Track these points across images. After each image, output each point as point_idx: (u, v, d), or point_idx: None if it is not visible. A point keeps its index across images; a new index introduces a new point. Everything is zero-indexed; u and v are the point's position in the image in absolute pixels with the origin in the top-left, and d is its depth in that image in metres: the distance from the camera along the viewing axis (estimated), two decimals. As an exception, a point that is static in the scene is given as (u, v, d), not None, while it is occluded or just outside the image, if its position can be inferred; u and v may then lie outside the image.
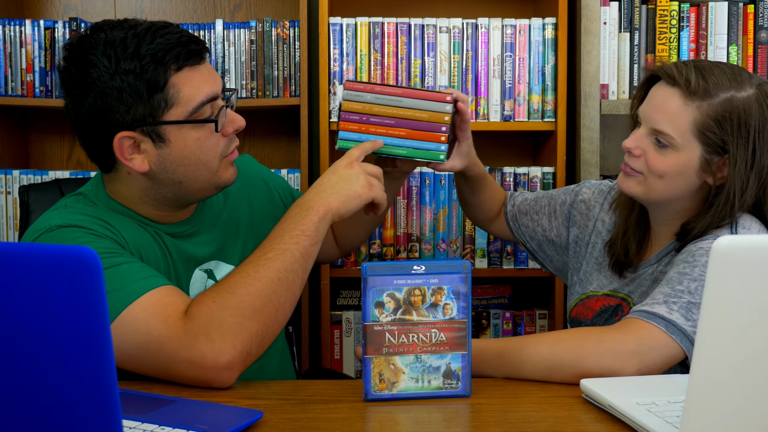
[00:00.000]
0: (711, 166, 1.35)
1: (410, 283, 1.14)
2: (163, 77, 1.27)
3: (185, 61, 1.28)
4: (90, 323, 0.74)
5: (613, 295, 1.49)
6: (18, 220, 2.26)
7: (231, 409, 1.09)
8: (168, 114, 1.28)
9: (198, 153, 1.31)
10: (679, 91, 1.34)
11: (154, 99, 1.27)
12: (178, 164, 1.31)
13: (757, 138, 1.33)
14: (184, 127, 1.30)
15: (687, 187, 1.38)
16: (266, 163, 2.48)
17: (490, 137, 2.43)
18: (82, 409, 0.76)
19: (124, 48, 1.26)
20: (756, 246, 0.80)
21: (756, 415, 0.82)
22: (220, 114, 1.32)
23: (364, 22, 2.20)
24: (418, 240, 2.26)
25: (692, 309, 1.23)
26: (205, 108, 1.31)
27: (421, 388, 1.16)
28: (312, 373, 2.11)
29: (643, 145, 1.38)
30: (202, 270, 1.44)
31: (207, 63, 1.35)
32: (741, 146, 1.32)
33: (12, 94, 2.26)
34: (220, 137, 1.33)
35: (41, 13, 2.47)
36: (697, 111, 1.32)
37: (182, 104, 1.28)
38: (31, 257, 0.74)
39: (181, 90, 1.28)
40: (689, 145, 1.34)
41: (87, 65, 1.27)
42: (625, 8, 2.17)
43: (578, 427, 1.07)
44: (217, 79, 1.35)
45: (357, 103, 1.46)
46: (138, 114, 1.27)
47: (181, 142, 1.30)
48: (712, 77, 1.34)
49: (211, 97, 1.31)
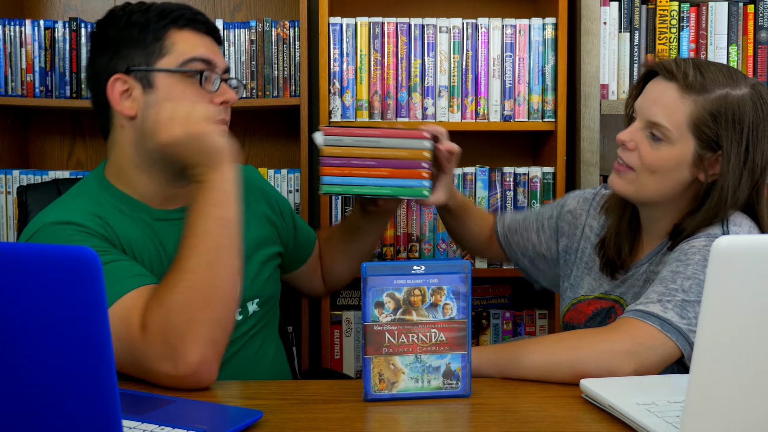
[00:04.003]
0: (703, 162, 1.35)
1: (410, 283, 1.14)
2: (163, 30, 1.39)
3: (188, 23, 1.41)
4: (90, 323, 0.74)
5: (605, 297, 1.48)
6: (17, 220, 2.26)
7: (231, 409, 1.09)
8: (160, 62, 1.38)
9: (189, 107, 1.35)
10: (677, 85, 1.35)
11: (151, 47, 1.38)
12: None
13: (750, 135, 1.34)
14: (173, 78, 1.38)
15: (679, 184, 1.38)
16: (266, 163, 2.48)
17: (490, 137, 2.43)
18: (82, 409, 0.76)
19: (139, 6, 1.42)
20: (756, 246, 0.80)
21: (756, 415, 0.82)
22: (209, 78, 1.40)
23: (364, 22, 2.19)
24: (418, 240, 2.25)
25: (686, 307, 1.24)
26: (195, 65, 1.39)
27: (420, 388, 1.16)
28: (312, 373, 2.10)
29: (637, 139, 1.38)
30: None
31: (214, 42, 1.45)
32: (735, 142, 1.33)
33: (12, 94, 2.26)
34: (206, 99, 1.39)
35: (41, 13, 2.47)
36: (693, 104, 1.33)
37: (174, 55, 1.39)
38: (30, 257, 0.74)
39: (177, 43, 1.39)
40: (684, 138, 1.34)
41: (106, 22, 1.43)
42: (625, 8, 2.17)
43: (578, 427, 1.07)
44: (219, 54, 1.44)
45: (337, 147, 1.47)
46: (134, 61, 1.38)
47: (165, 89, 1.38)
48: (709, 73, 1.35)
49: (204, 58, 1.40)
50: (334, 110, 2.18)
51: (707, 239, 1.31)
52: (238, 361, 1.45)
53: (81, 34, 2.26)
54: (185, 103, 1.34)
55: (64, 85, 2.26)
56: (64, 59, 2.26)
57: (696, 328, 1.19)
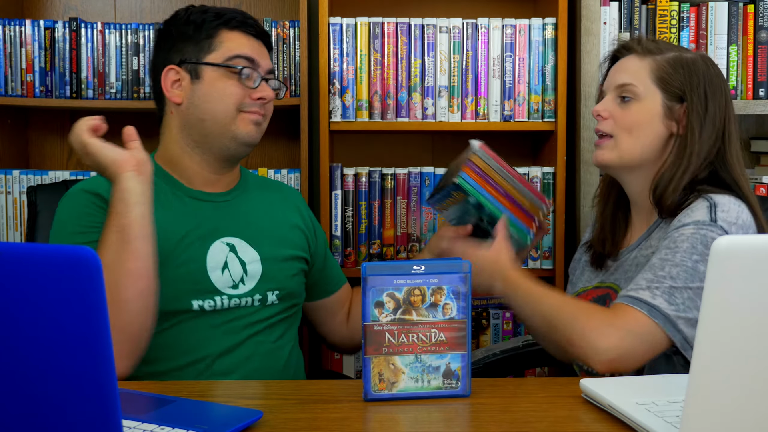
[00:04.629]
0: (673, 113, 1.45)
1: (410, 283, 1.14)
2: (215, 29, 1.56)
3: (238, 26, 1.57)
4: (90, 323, 0.74)
5: (601, 286, 1.53)
6: (25, 220, 2.26)
7: (231, 409, 1.09)
8: (208, 57, 1.55)
9: (220, 94, 1.53)
10: (635, 54, 1.49)
11: (202, 43, 1.55)
12: (201, 100, 1.54)
13: (707, 87, 1.44)
14: (218, 71, 1.54)
15: (656, 139, 1.45)
16: (266, 163, 2.48)
17: (490, 137, 2.42)
18: (82, 409, 0.76)
19: (200, 8, 1.59)
20: (756, 246, 0.80)
21: (756, 415, 0.82)
22: (250, 76, 1.55)
23: (364, 22, 2.19)
24: (418, 240, 2.26)
25: (674, 293, 1.27)
26: (238, 61, 1.54)
27: (420, 388, 1.16)
28: (312, 373, 2.10)
29: (609, 107, 1.48)
30: (224, 243, 1.54)
31: (262, 45, 1.60)
32: (695, 93, 1.43)
33: (12, 94, 2.26)
34: (244, 93, 1.54)
35: (41, 13, 2.47)
36: (653, 62, 1.46)
37: (221, 51, 1.55)
38: (30, 257, 0.74)
39: (225, 42, 1.56)
40: (650, 92, 1.45)
41: (170, 20, 1.61)
42: (625, 8, 2.17)
43: (578, 427, 1.07)
44: (265, 56, 1.59)
45: (483, 162, 1.58)
46: (187, 54, 1.56)
47: (210, 81, 1.54)
48: (661, 43, 1.51)
49: (248, 56, 1.55)
50: (334, 110, 2.18)
51: (696, 227, 1.34)
52: (254, 345, 1.52)
53: (81, 34, 2.26)
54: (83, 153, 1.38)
55: (64, 85, 2.26)
56: (64, 59, 2.26)
57: (683, 314, 1.24)
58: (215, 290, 1.51)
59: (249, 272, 1.55)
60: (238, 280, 1.54)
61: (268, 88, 1.58)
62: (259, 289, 1.55)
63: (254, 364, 1.51)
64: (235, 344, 1.51)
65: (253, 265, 1.56)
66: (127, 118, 2.42)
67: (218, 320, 1.50)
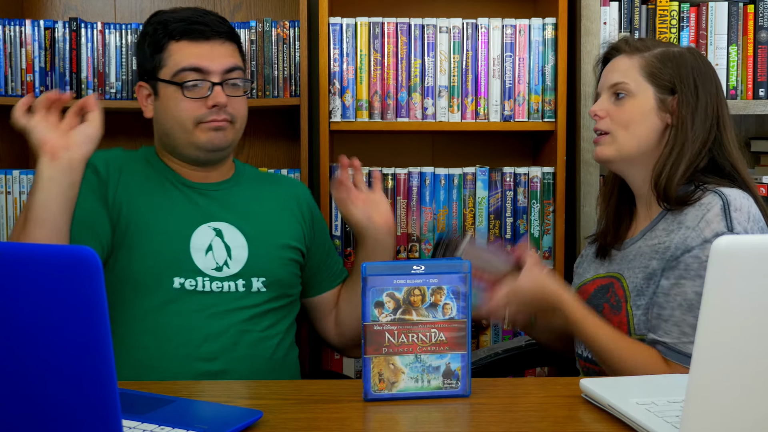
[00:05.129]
0: (666, 106, 1.48)
1: (410, 283, 1.14)
2: (161, 42, 1.57)
3: (183, 35, 1.55)
4: (90, 323, 0.74)
5: (605, 276, 1.55)
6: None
7: (231, 409, 1.09)
8: (161, 72, 1.57)
9: (173, 110, 1.56)
10: (624, 53, 1.53)
11: (155, 58, 1.57)
12: (162, 116, 1.59)
13: (696, 77, 1.48)
14: (169, 87, 1.56)
15: (652, 132, 1.49)
16: (266, 163, 2.48)
17: (490, 137, 2.43)
18: (82, 409, 0.76)
19: (155, 16, 1.60)
20: (756, 246, 0.80)
21: (756, 415, 0.82)
22: (199, 87, 1.54)
23: (364, 22, 2.19)
24: (418, 240, 2.25)
25: None
26: (186, 75, 1.54)
27: (420, 388, 1.16)
28: (312, 373, 2.10)
29: (605, 106, 1.53)
30: (210, 227, 1.57)
31: (215, 43, 1.57)
32: (685, 83, 1.47)
33: (12, 94, 2.26)
34: (197, 106, 1.55)
35: (41, 13, 2.47)
36: (641, 59, 1.50)
37: (169, 67, 1.56)
38: (31, 257, 0.74)
39: (172, 55, 1.56)
40: (642, 88, 1.49)
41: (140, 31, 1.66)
42: (625, 8, 2.17)
43: (578, 427, 1.07)
44: (219, 57, 1.57)
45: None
46: (147, 69, 1.59)
47: (164, 98, 1.57)
48: (648, 41, 1.55)
49: (193, 67, 1.54)
50: (334, 110, 2.18)
51: None
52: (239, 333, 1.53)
53: (81, 34, 2.26)
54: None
55: (64, 85, 2.26)
56: (64, 59, 2.26)
57: None
58: (198, 270, 1.53)
59: (234, 256, 1.56)
60: (222, 263, 1.55)
61: (221, 93, 1.56)
62: (243, 275, 1.56)
63: (239, 352, 1.53)
64: (220, 330, 1.52)
65: (238, 250, 1.57)
66: (127, 118, 2.42)
67: (202, 303, 1.52)
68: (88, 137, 1.37)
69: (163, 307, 1.51)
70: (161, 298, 1.51)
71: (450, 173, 2.24)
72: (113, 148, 1.68)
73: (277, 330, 1.61)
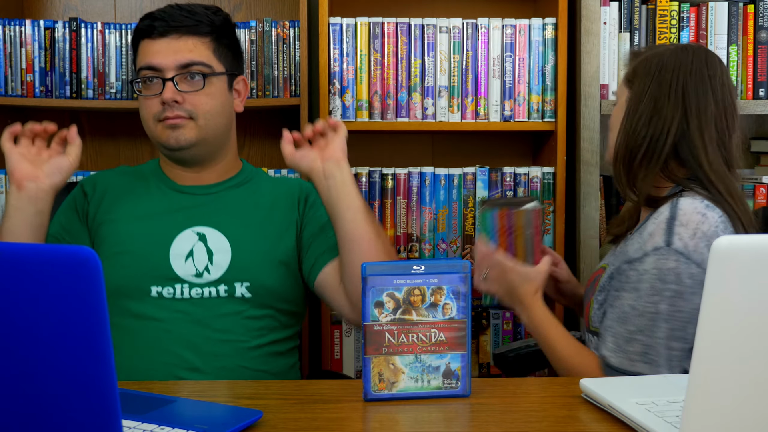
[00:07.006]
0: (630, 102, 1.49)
1: (410, 283, 1.14)
2: (136, 43, 1.60)
3: (143, 35, 1.57)
4: (90, 323, 0.74)
5: (601, 266, 1.56)
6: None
7: (231, 409, 1.09)
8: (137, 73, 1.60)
9: (141, 110, 1.59)
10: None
11: (135, 60, 1.61)
12: (141, 115, 1.60)
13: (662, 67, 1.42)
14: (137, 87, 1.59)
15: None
16: (266, 163, 2.48)
17: (490, 137, 2.43)
18: (82, 409, 0.76)
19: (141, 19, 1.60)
20: (756, 246, 0.80)
21: (756, 415, 0.82)
22: (151, 85, 1.55)
23: (364, 22, 2.19)
24: (418, 240, 2.26)
25: (650, 351, 1.33)
26: (144, 73, 1.56)
27: (420, 388, 1.16)
28: (312, 374, 2.10)
29: None
30: (194, 232, 1.55)
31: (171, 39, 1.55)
32: (639, 75, 1.45)
33: (12, 94, 2.26)
34: (154, 103, 1.55)
35: (41, 13, 2.47)
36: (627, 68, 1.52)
37: (137, 66, 1.59)
38: (31, 257, 0.74)
39: (138, 55, 1.59)
40: (622, 93, 1.50)
41: None
42: (625, 8, 2.17)
43: (578, 427, 1.07)
44: (173, 52, 1.54)
45: (521, 221, 1.56)
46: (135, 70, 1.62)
47: (139, 98, 1.60)
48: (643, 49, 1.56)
49: (149, 65, 1.55)
50: (334, 110, 2.18)
51: (655, 258, 1.34)
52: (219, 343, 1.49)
53: (81, 34, 2.26)
54: None
55: (64, 85, 2.26)
56: (64, 59, 2.26)
57: (630, 368, 1.34)
58: (176, 278, 1.51)
59: (215, 261, 1.52)
60: (202, 269, 1.52)
61: (170, 89, 1.52)
62: (225, 280, 1.51)
63: (222, 362, 1.48)
64: (201, 338, 1.48)
65: (221, 255, 1.53)
66: (127, 118, 2.43)
67: (181, 311, 1.49)
68: (59, 169, 1.46)
69: (143, 316, 1.49)
70: (140, 307, 1.49)
71: (450, 173, 2.24)
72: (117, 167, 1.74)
73: (268, 340, 1.55)
